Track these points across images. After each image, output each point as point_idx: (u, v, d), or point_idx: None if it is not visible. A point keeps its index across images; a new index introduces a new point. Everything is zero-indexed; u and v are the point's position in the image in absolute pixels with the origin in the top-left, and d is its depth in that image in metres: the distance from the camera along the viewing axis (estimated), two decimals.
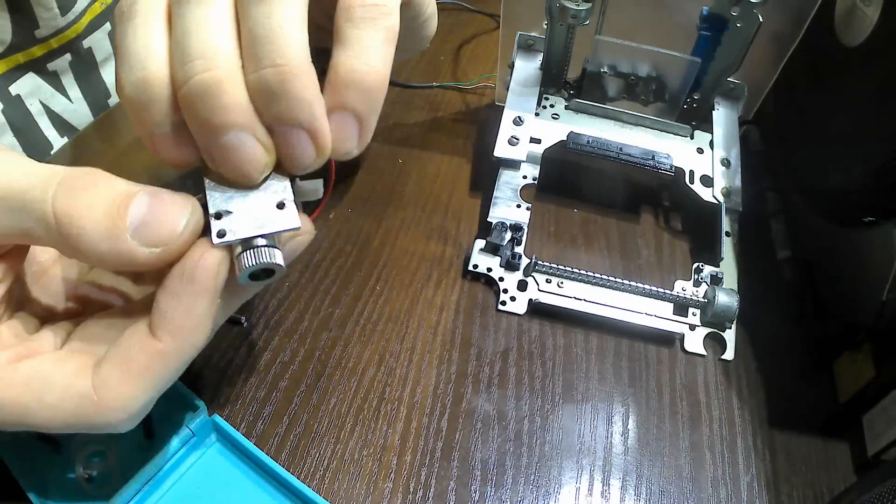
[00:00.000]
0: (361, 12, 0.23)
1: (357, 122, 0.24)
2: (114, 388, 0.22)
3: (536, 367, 0.37)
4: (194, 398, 0.32)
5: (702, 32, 0.42)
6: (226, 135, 0.22)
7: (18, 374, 0.22)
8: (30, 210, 0.21)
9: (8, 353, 0.23)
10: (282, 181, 0.24)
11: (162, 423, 0.32)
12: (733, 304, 0.38)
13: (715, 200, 0.42)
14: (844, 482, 0.34)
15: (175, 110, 0.22)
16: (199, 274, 0.22)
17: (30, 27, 0.41)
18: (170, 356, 0.23)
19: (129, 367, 0.23)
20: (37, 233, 0.21)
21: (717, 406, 0.36)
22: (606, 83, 0.45)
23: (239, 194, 0.23)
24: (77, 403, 0.22)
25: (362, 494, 0.31)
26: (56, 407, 0.22)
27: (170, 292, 0.23)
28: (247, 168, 0.23)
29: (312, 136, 0.23)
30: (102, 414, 0.23)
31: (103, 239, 0.21)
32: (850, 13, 0.37)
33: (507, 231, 0.40)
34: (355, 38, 0.23)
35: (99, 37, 0.47)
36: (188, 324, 0.23)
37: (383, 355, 0.37)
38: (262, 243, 0.23)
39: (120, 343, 0.23)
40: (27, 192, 0.21)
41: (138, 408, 0.23)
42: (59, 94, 0.46)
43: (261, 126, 0.22)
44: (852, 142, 0.37)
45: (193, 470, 0.31)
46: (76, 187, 0.21)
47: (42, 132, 0.45)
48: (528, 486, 0.33)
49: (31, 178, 0.21)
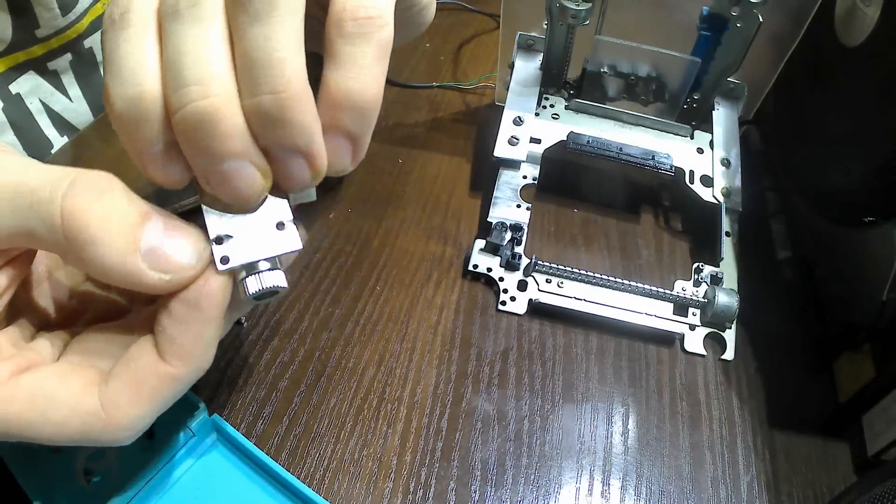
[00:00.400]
0: (353, 27, 0.22)
1: (351, 142, 0.23)
2: (123, 407, 0.22)
3: (536, 367, 0.37)
4: (194, 398, 0.32)
5: (702, 32, 0.42)
6: (223, 163, 0.21)
7: (21, 389, 0.22)
8: (36, 210, 0.21)
9: (9, 365, 0.23)
10: (279, 201, 0.24)
11: (162, 424, 0.32)
12: (733, 304, 0.38)
13: (715, 200, 0.42)
14: (844, 482, 0.34)
15: (168, 129, 0.21)
16: (205, 302, 0.22)
17: (30, 26, 0.41)
18: (180, 380, 0.23)
19: (139, 388, 0.22)
20: (39, 233, 0.21)
21: (717, 406, 0.36)
22: (606, 83, 0.45)
23: (238, 216, 0.23)
24: (84, 420, 0.22)
25: (362, 494, 0.31)
26: (62, 424, 0.22)
27: (177, 319, 0.22)
28: (245, 193, 0.22)
29: (309, 160, 0.22)
30: (110, 431, 0.22)
31: (115, 254, 0.21)
32: (850, 13, 0.37)
33: (507, 231, 0.40)
34: (348, 56, 0.22)
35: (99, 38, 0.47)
36: (198, 350, 0.23)
37: (383, 355, 0.37)
38: (266, 267, 0.23)
39: (128, 363, 0.23)
40: (35, 192, 0.21)
41: (145, 424, 0.23)
42: (59, 93, 0.46)
43: (258, 152, 0.22)
44: (852, 142, 0.37)
45: (194, 470, 0.31)
46: (90, 190, 0.21)
47: (42, 131, 0.45)
48: (528, 486, 0.33)
49: (41, 179, 0.21)
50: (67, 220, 0.20)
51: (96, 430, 0.22)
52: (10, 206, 0.21)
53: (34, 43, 0.42)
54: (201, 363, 0.23)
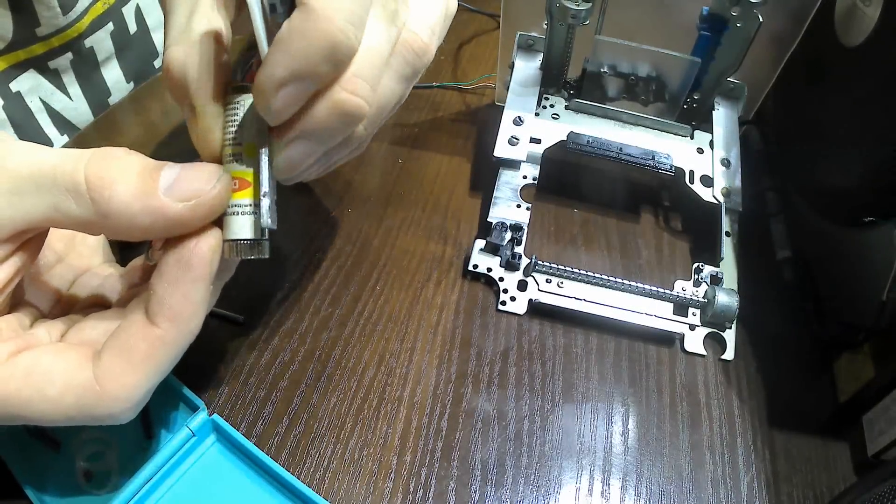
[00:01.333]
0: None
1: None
2: (117, 377, 0.23)
3: (536, 367, 0.37)
4: (195, 398, 0.32)
5: (702, 32, 0.42)
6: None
7: (18, 367, 0.23)
8: (60, 182, 0.22)
9: (8, 346, 0.23)
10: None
11: (162, 423, 0.32)
12: (733, 304, 0.38)
13: (715, 200, 0.42)
14: (844, 482, 0.34)
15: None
16: (196, 260, 0.23)
17: (31, 25, 0.41)
18: (169, 342, 0.23)
19: (130, 355, 0.23)
20: (65, 205, 0.22)
21: (717, 406, 0.36)
22: (606, 83, 0.45)
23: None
24: (79, 395, 0.23)
25: (362, 494, 0.31)
26: (58, 400, 0.23)
27: (166, 279, 0.23)
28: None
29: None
30: (105, 404, 0.23)
31: (136, 197, 0.22)
32: (850, 13, 0.37)
33: (507, 231, 0.40)
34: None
35: (101, 36, 0.47)
36: (186, 310, 0.23)
37: (383, 355, 0.37)
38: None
39: (118, 333, 0.23)
40: (57, 168, 0.22)
41: (140, 396, 0.24)
42: (59, 91, 0.46)
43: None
44: (852, 141, 0.37)
45: (193, 470, 0.31)
46: (107, 157, 0.23)
47: (42, 129, 0.45)
48: (528, 486, 0.33)
49: (59, 156, 0.22)
50: (92, 181, 0.22)
51: (91, 404, 0.23)
52: (34, 184, 0.22)
53: (35, 41, 0.42)
54: (190, 326, 0.24)
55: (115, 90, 0.50)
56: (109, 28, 0.47)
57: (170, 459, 0.30)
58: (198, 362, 0.35)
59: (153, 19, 0.52)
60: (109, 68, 0.49)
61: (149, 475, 0.29)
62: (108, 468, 0.30)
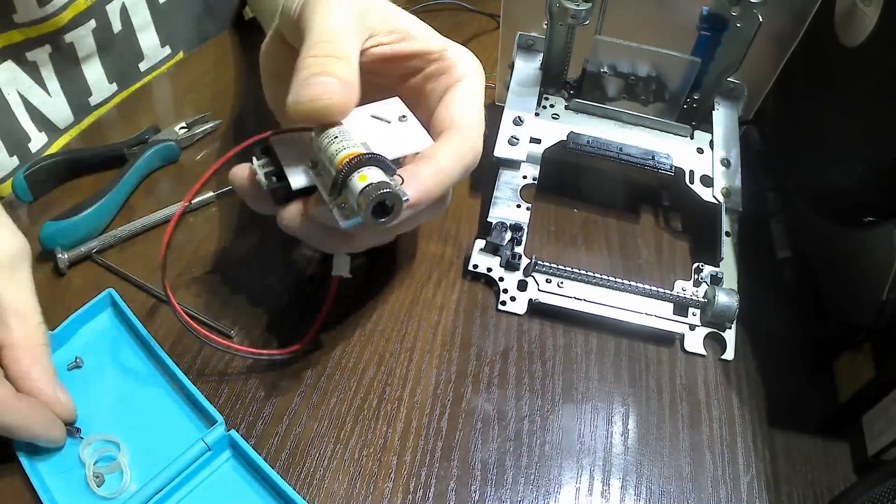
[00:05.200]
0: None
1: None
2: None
3: (536, 367, 0.37)
4: (214, 412, 0.31)
5: (702, 32, 0.42)
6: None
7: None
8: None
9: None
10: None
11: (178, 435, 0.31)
12: (733, 304, 0.38)
13: (715, 200, 0.42)
14: (844, 482, 0.34)
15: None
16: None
17: (7, 12, 0.40)
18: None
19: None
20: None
21: (717, 406, 0.36)
22: (606, 83, 0.45)
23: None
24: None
25: (362, 494, 0.31)
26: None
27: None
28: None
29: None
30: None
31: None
32: (850, 13, 0.37)
33: (507, 231, 0.40)
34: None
35: (82, 33, 0.46)
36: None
37: (383, 355, 0.37)
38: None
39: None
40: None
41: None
42: (37, 85, 0.45)
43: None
44: (852, 142, 0.37)
45: (205, 484, 0.31)
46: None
47: (19, 123, 0.44)
48: (528, 486, 0.33)
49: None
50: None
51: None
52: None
53: (13, 28, 0.41)
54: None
55: (96, 90, 0.49)
56: (91, 25, 0.46)
57: (183, 471, 0.30)
58: (198, 364, 0.35)
59: (139, 19, 0.50)
60: (90, 66, 0.48)
61: (160, 485, 0.29)
62: (120, 479, 0.30)
